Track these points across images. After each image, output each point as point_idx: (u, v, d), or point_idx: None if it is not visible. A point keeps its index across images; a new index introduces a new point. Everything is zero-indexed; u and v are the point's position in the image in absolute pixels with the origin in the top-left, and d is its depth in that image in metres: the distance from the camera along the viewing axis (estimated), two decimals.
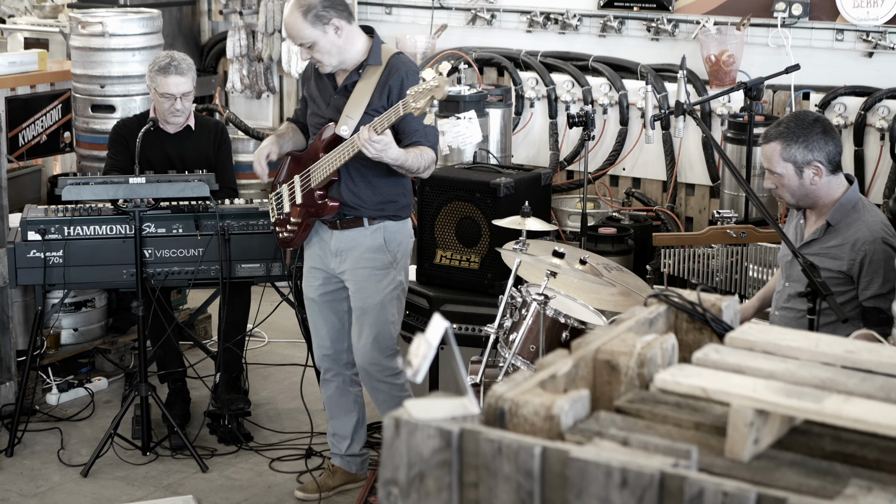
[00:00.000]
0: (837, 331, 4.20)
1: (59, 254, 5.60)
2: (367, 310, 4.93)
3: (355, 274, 4.93)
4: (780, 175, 4.41)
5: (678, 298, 2.57)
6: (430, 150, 4.76)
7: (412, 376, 2.08)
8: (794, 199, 4.47)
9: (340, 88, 4.83)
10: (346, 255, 4.92)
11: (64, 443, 5.74)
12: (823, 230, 4.47)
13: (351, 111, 4.76)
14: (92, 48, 6.83)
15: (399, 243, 4.94)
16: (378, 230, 4.89)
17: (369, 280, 4.91)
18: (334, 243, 4.94)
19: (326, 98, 4.89)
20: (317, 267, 5.04)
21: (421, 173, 4.79)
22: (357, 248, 4.90)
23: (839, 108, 6.58)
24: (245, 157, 8.10)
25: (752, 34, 6.84)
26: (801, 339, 2.33)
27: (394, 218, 4.91)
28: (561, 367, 2.22)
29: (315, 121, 4.94)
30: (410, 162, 4.68)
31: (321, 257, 5.01)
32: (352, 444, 5.22)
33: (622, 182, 7.40)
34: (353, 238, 4.91)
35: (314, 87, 4.96)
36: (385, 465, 2.05)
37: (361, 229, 4.89)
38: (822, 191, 4.43)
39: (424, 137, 4.75)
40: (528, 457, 1.94)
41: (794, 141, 4.37)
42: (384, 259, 4.90)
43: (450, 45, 7.64)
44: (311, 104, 4.98)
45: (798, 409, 2.04)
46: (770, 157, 4.41)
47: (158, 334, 5.74)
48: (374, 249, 4.89)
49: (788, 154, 4.37)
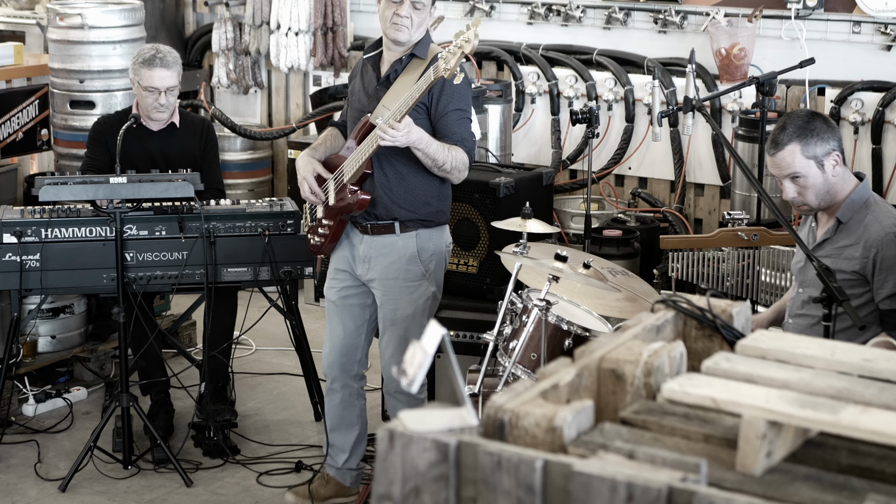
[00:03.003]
0: (854, 338, 4.21)
1: (35, 257, 5.59)
2: (396, 321, 4.96)
3: (384, 284, 4.95)
4: (805, 176, 4.40)
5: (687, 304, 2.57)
6: (463, 151, 4.80)
7: (407, 386, 2.08)
8: (818, 200, 4.46)
9: (383, 79, 4.89)
10: (375, 263, 4.94)
11: (41, 456, 5.74)
12: (834, 229, 4.48)
13: (389, 101, 4.81)
14: (70, 41, 6.82)
15: (433, 253, 4.95)
16: (410, 238, 4.91)
17: (400, 291, 4.93)
18: (363, 248, 4.96)
19: (369, 91, 4.94)
20: (341, 269, 5.05)
21: (450, 173, 4.80)
22: (387, 255, 4.92)
23: (856, 104, 6.59)
24: (231, 156, 8.12)
25: (765, 26, 6.85)
26: (816, 346, 2.33)
27: (428, 224, 4.93)
28: (563, 376, 2.23)
29: (354, 115, 5.01)
30: (435, 149, 4.70)
31: (348, 260, 5.03)
32: (350, 458, 5.23)
33: (628, 182, 7.41)
34: (383, 245, 4.93)
35: (357, 82, 5.03)
36: (379, 480, 2.05)
37: (393, 236, 4.91)
38: (839, 184, 4.45)
39: (462, 142, 4.80)
40: (530, 471, 1.94)
41: (809, 136, 4.39)
42: (416, 270, 4.93)
43: (446, 37, 7.63)
44: (353, 98, 5.04)
45: (813, 421, 2.05)
46: (791, 162, 4.41)
47: (140, 342, 5.74)
48: (406, 259, 4.91)
49: (809, 151, 4.39)
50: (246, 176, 8.20)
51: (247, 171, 8.21)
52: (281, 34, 8.04)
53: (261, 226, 5.74)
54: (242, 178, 8.16)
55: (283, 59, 8.04)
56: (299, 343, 5.93)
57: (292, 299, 5.86)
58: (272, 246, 5.72)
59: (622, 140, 7.29)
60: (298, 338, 5.91)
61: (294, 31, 7.99)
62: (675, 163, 7.16)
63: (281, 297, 5.83)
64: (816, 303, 4.20)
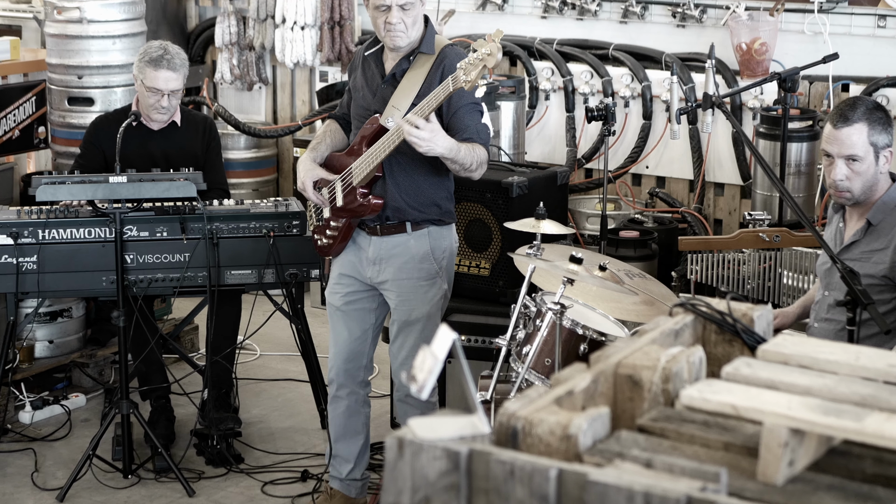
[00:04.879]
0: (881, 344, 4.20)
1: (32, 259, 5.61)
2: (412, 322, 4.96)
3: (399, 285, 4.95)
4: (862, 159, 4.38)
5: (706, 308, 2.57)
6: (482, 147, 4.78)
7: (417, 392, 2.08)
8: (861, 191, 4.44)
9: (388, 77, 4.87)
10: (387, 264, 4.94)
11: (38, 465, 5.75)
12: (864, 231, 4.47)
13: (398, 101, 4.80)
14: (69, 35, 6.84)
15: (444, 250, 4.97)
16: (423, 236, 4.92)
17: (415, 291, 4.94)
18: (373, 251, 4.96)
19: (373, 88, 4.93)
20: (347, 274, 5.05)
21: (472, 172, 4.79)
22: (400, 256, 4.92)
23: (881, 101, 6.57)
24: (235, 155, 8.13)
25: (787, 20, 6.84)
26: (840, 352, 2.33)
27: (438, 223, 4.94)
28: (579, 382, 2.23)
29: (360, 112, 4.98)
30: (463, 155, 4.68)
31: (354, 264, 5.02)
32: (354, 468, 5.23)
33: (645, 181, 7.41)
34: (394, 245, 4.93)
35: (360, 78, 5.00)
36: (387, 490, 2.05)
37: (404, 235, 4.91)
38: (881, 182, 4.44)
39: (476, 134, 4.77)
40: (543, 480, 1.94)
41: (877, 123, 4.38)
42: (430, 268, 4.93)
43: (458, 32, 7.65)
44: (356, 95, 5.02)
45: (837, 429, 2.04)
46: (857, 140, 4.38)
47: (141, 347, 5.75)
48: (419, 258, 4.91)
49: (874, 137, 4.38)
50: (250, 175, 8.20)
51: (251, 171, 8.22)
52: (286, 28, 8.04)
53: (265, 227, 5.74)
54: (246, 178, 8.17)
55: (289, 54, 8.05)
56: (305, 348, 5.94)
57: (298, 303, 5.87)
58: (277, 247, 5.73)
59: (639, 138, 7.29)
60: (304, 342, 5.92)
61: (300, 25, 8.00)
62: (694, 161, 7.15)
63: (286, 300, 5.84)
64: (840, 306, 4.20)
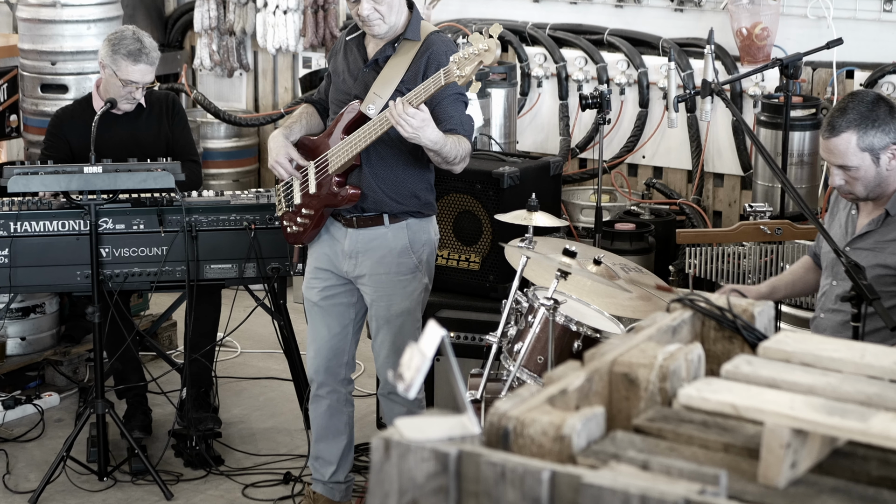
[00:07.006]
0: (888, 340, 4.20)
1: (3, 253, 5.59)
2: (390, 318, 4.95)
3: (376, 280, 4.94)
4: (857, 168, 4.37)
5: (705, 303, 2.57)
6: (466, 139, 4.78)
7: (404, 391, 2.08)
8: (867, 191, 4.44)
9: (371, 62, 4.86)
10: (364, 258, 4.92)
11: (10, 466, 5.74)
12: (881, 220, 4.45)
13: (380, 89, 4.79)
14: (41, 20, 6.83)
15: (424, 243, 4.95)
16: (401, 229, 4.90)
17: (393, 286, 4.93)
18: (348, 243, 4.95)
19: (354, 72, 4.92)
20: (323, 268, 5.04)
21: (454, 165, 4.78)
22: (377, 249, 4.91)
23: (887, 88, 6.59)
24: (214, 144, 8.12)
25: (789, 4, 6.85)
26: (845, 349, 2.33)
27: (417, 215, 4.92)
28: (572, 380, 2.23)
29: (339, 97, 4.97)
30: (449, 147, 4.67)
31: (330, 258, 5.01)
32: (337, 470, 5.22)
33: (642, 172, 7.41)
34: (371, 238, 4.92)
35: (341, 62, 4.99)
36: (373, 493, 2.05)
37: (381, 228, 4.90)
38: (893, 176, 4.43)
39: (461, 126, 4.77)
40: (536, 482, 1.94)
41: (870, 126, 4.35)
42: (409, 263, 4.92)
43: (446, 16, 7.65)
44: (336, 79, 5.01)
45: (841, 429, 2.05)
46: (844, 151, 4.38)
47: (117, 344, 5.74)
48: (398, 252, 4.90)
49: (866, 143, 4.35)
50: (230, 165, 8.19)
51: (231, 160, 8.21)
52: (268, 12, 8.03)
53: (246, 219, 5.73)
54: (227, 168, 8.16)
55: (271, 39, 8.04)
56: (288, 345, 5.93)
57: (280, 298, 5.86)
58: (258, 241, 5.72)
59: (635, 127, 7.29)
60: (287, 339, 5.91)
61: (282, 9, 7.98)
62: (693, 151, 7.16)
63: (268, 295, 5.83)
64: (845, 301, 4.19)
